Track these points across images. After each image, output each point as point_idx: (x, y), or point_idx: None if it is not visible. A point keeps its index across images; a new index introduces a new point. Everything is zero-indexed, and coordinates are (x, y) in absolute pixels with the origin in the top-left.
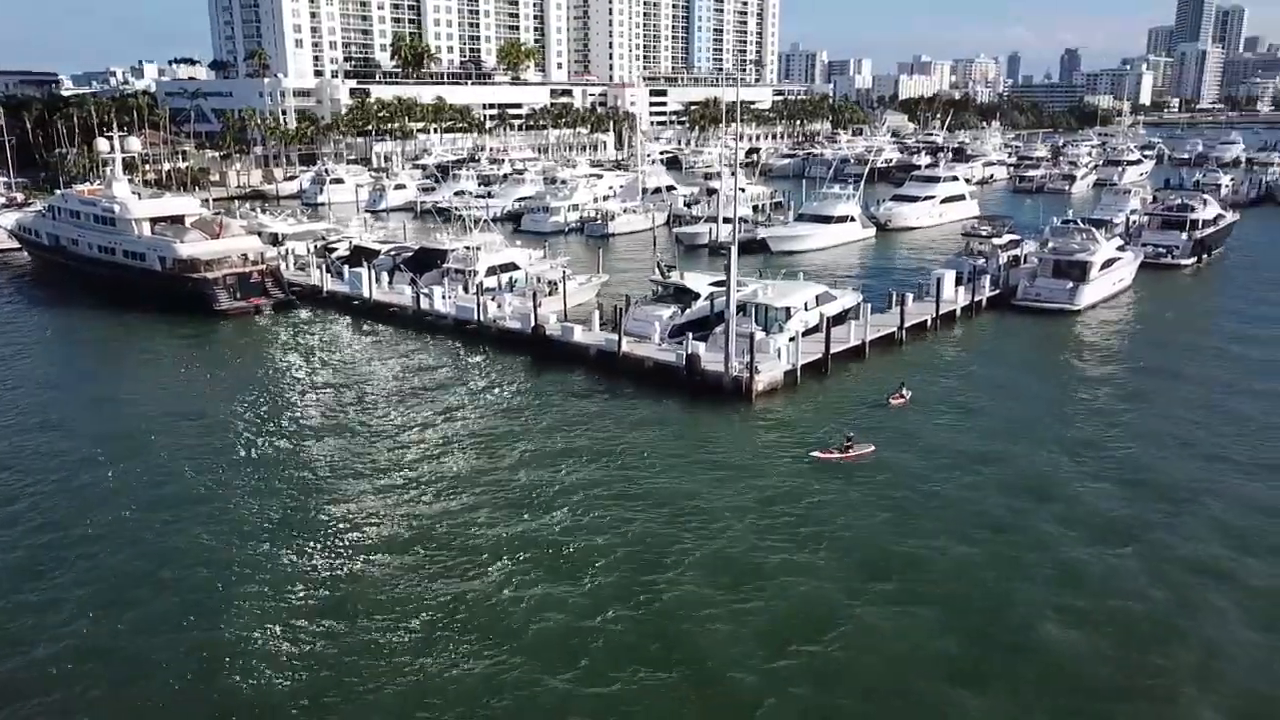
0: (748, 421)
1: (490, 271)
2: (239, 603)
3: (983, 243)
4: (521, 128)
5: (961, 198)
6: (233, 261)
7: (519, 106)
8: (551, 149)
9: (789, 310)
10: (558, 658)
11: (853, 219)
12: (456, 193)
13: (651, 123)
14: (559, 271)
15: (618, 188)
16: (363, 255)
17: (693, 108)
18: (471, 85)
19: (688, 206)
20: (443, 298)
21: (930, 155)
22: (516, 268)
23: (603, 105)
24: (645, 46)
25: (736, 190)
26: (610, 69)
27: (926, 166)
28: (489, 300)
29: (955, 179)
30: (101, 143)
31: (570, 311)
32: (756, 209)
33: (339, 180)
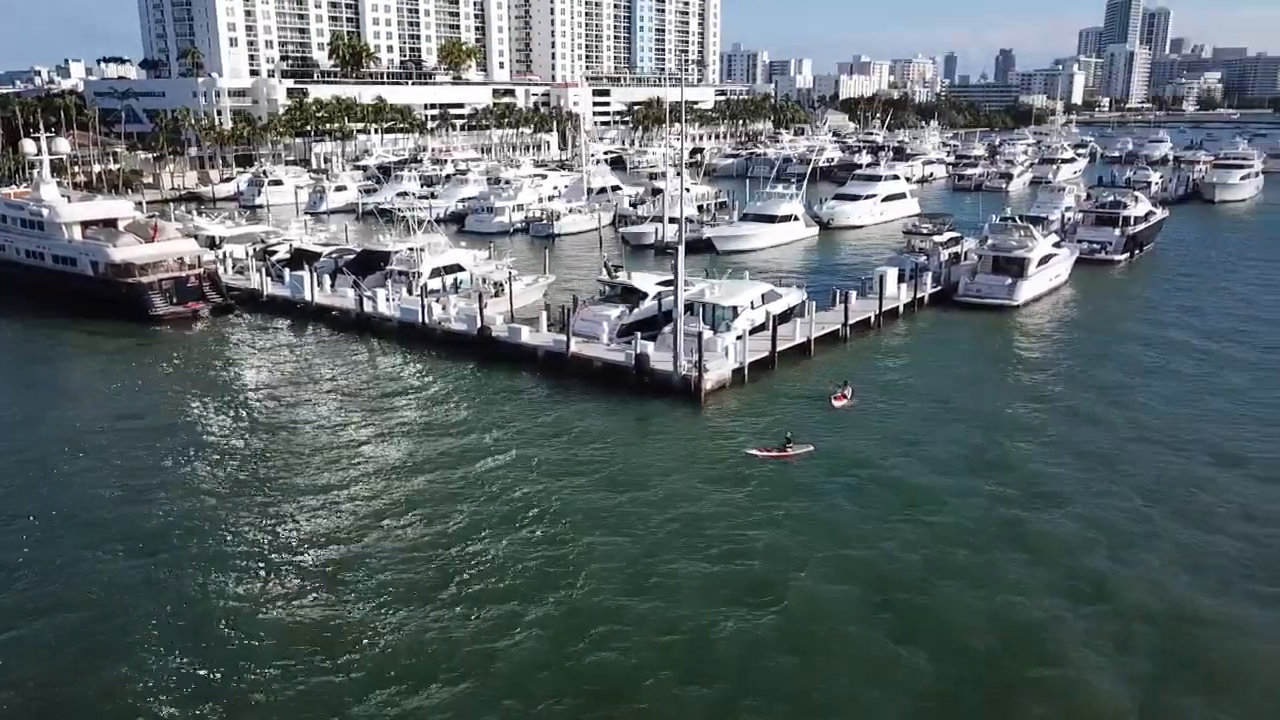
0: (697, 420)
1: (435, 273)
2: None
3: (924, 240)
4: (464, 128)
5: (902, 196)
6: (168, 266)
7: (461, 106)
8: (495, 149)
9: (736, 309)
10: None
11: (796, 218)
12: (399, 194)
13: (595, 123)
14: (505, 272)
15: (563, 188)
16: (303, 258)
17: (636, 108)
18: (412, 85)
19: (633, 206)
20: (386, 300)
21: (871, 154)
22: (461, 269)
23: (546, 105)
24: (588, 46)
25: (683, 189)
26: (553, 69)
27: (868, 166)
28: (434, 302)
29: (896, 178)
30: (28, 144)
31: (517, 312)
32: (701, 209)
33: (277, 182)
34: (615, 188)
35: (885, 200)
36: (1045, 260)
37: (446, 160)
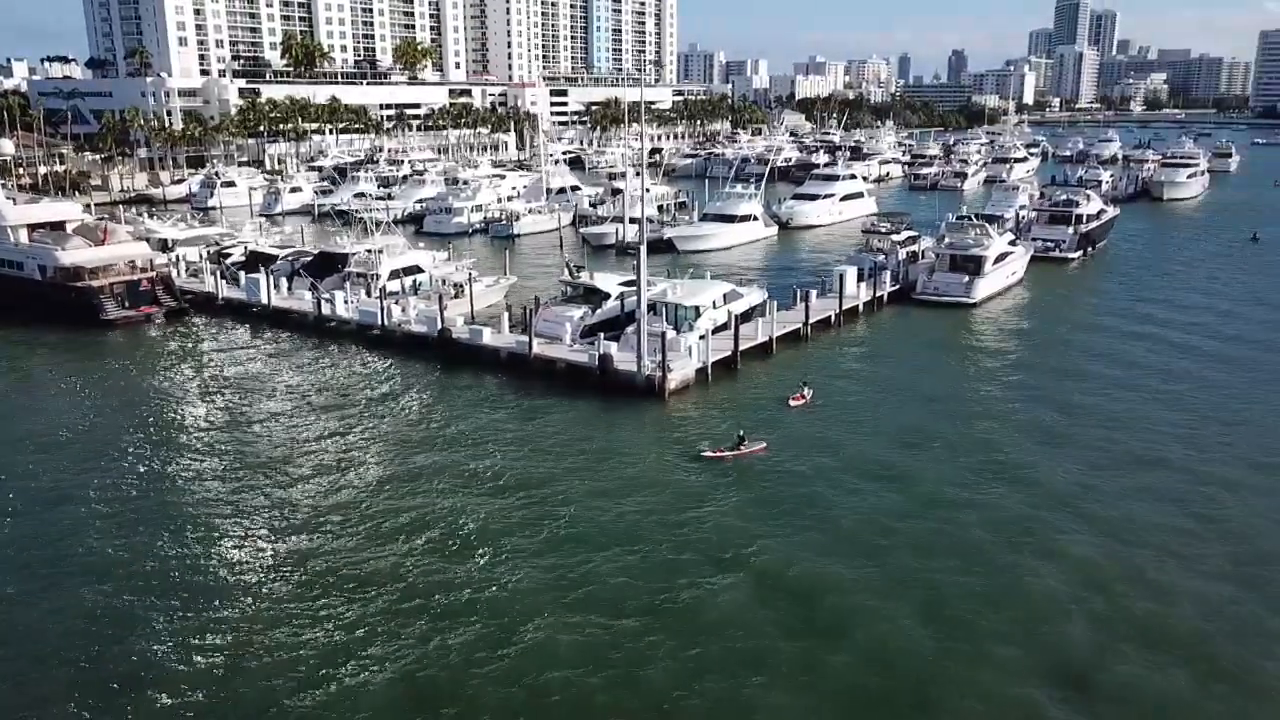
0: (661, 420)
1: (393, 275)
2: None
3: (882, 239)
4: (420, 128)
5: (860, 195)
6: (120, 269)
7: (417, 107)
8: (452, 149)
9: (698, 309)
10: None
11: (756, 218)
12: (356, 195)
13: (553, 123)
14: (465, 273)
15: (521, 188)
16: (259, 260)
17: (594, 108)
18: (367, 85)
19: (593, 207)
20: (345, 303)
21: (828, 154)
22: (420, 270)
23: (503, 105)
24: (545, 46)
25: (645, 190)
26: (509, 69)
27: (825, 165)
28: (393, 304)
29: (854, 177)
30: None
31: (478, 314)
32: (661, 209)
33: (230, 183)
34: (575, 188)
35: (843, 200)
36: (1001, 258)
37: (403, 161)
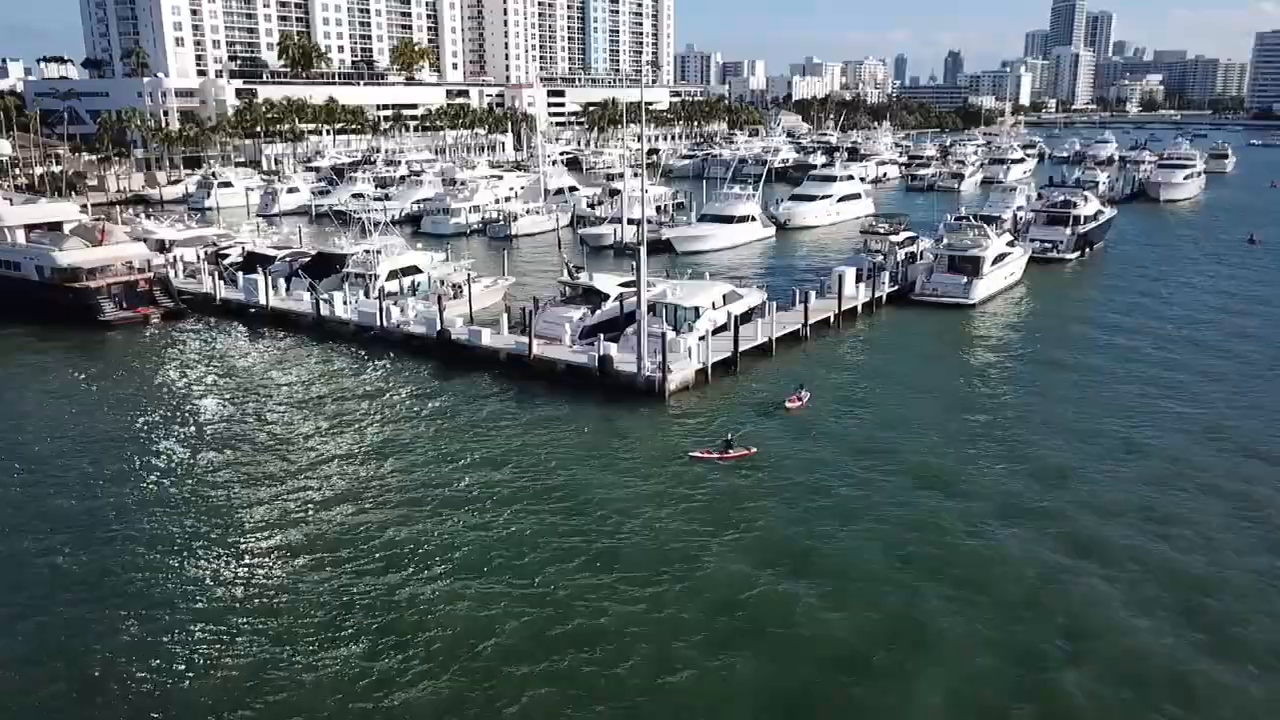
0: (661, 420)
1: (392, 275)
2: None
3: (880, 240)
4: (418, 129)
5: (858, 196)
6: (117, 270)
7: (414, 107)
8: (449, 150)
9: (698, 310)
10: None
11: (754, 219)
12: (354, 195)
13: (550, 123)
14: (463, 274)
15: (519, 189)
16: (257, 261)
17: (591, 109)
18: (364, 86)
19: (591, 208)
20: (344, 303)
21: (826, 155)
22: (419, 271)
23: (500, 106)
24: (542, 47)
25: (644, 190)
26: (507, 69)
27: (822, 166)
28: (392, 305)
29: (851, 178)
30: None
31: (476, 314)
32: (659, 209)
33: (227, 184)
34: (572, 189)
35: (841, 200)
36: (1000, 259)
37: (400, 161)
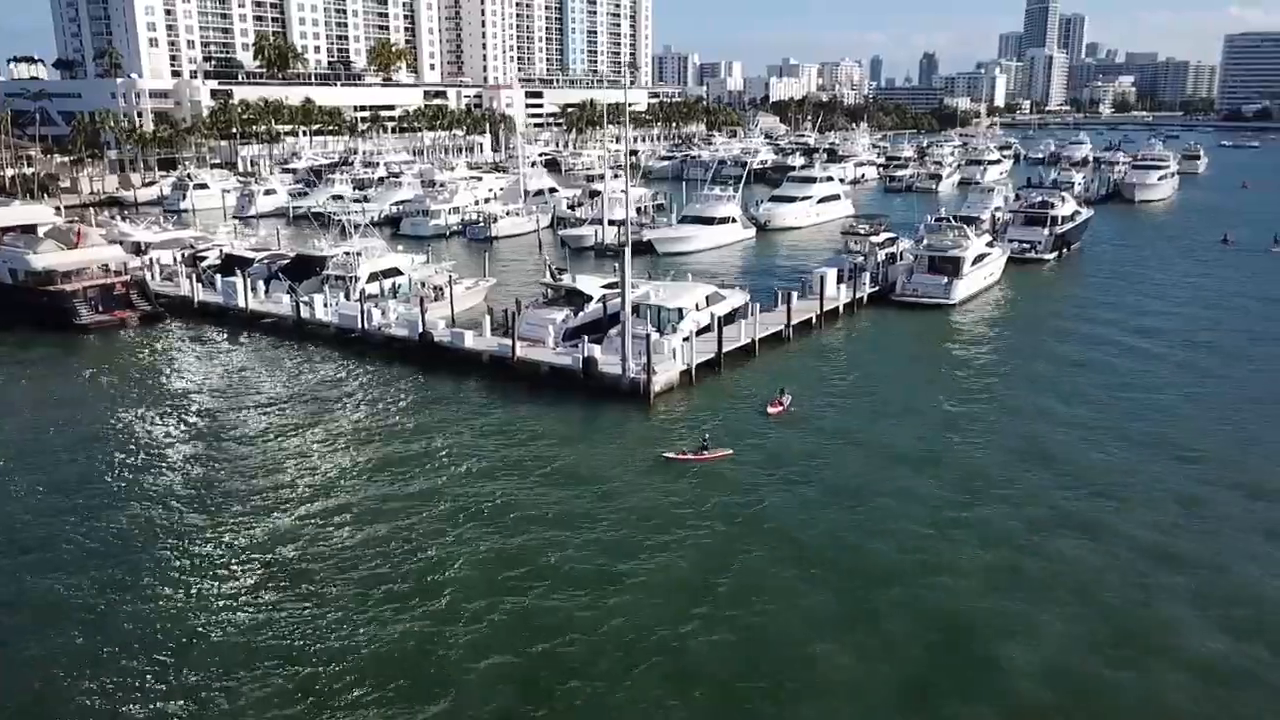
0: (645, 422)
1: (372, 277)
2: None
3: (861, 241)
4: (395, 130)
5: (837, 197)
6: (93, 273)
7: (392, 108)
8: (427, 151)
9: (682, 311)
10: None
11: (734, 220)
12: (333, 197)
13: (529, 124)
14: (444, 276)
15: (499, 190)
16: (235, 264)
17: (570, 110)
18: (341, 86)
19: (571, 209)
20: (324, 306)
21: (804, 156)
22: (400, 273)
23: (478, 107)
24: (520, 48)
25: (629, 191)
26: (484, 70)
27: (801, 167)
28: (372, 307)
29: (830, 179)
30: None
31: (458, 316)
32: (640, 211)
33: (203, 185)
34: (552, 190)
35: (821, 202)
36: (979, 259)
37: (379, 163)
